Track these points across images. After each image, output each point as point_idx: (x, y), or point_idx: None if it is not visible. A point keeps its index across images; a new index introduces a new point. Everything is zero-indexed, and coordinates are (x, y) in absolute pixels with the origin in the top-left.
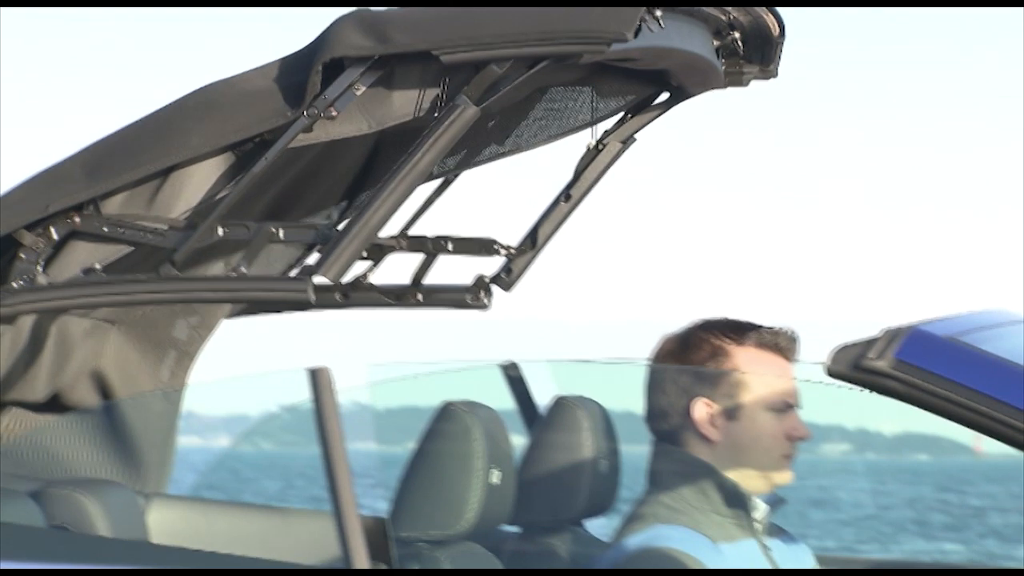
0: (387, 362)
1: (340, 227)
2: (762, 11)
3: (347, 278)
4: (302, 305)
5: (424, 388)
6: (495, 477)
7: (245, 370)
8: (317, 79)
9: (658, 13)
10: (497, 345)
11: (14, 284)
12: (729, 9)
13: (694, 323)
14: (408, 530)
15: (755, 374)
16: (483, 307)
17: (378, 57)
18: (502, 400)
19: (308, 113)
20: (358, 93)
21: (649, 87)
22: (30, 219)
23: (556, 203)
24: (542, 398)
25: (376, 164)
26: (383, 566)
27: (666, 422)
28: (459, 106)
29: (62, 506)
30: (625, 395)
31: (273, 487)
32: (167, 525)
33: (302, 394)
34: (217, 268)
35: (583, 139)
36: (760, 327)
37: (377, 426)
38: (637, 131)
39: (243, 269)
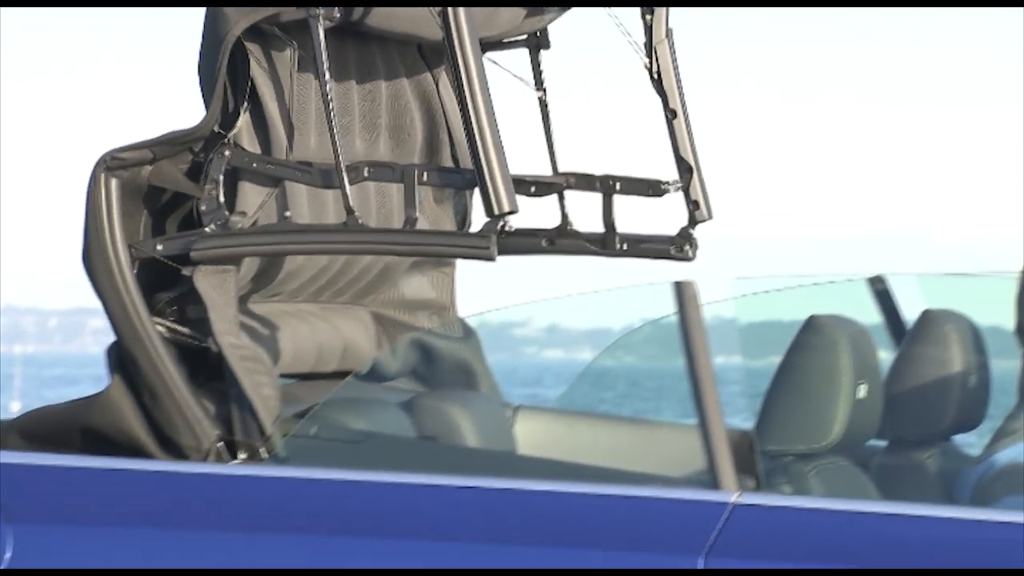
0: (752, 276)
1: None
2: None
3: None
4: (487, 259)
5: (789, 302)
6: (862, 391)
7: (609, 285)
8: None
9: None
10: (861, 260)
11: (207, 229)
12: None
13: None
14: (774, 444)
15: None
16: (687, 259)
17: None
18: (868, 314)
19: None
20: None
21: None
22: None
23: (669, 125)
24: (909, 312)
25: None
26: (749, 479)
27: None
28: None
29: (431, 417)
30: (994, 309)
31: (636, 401)
32: (533, 436)
33: (666, 308)
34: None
35: (633, 67)
36: None
37: (742, 340)
38: (666, 25)
39: (416, 216)
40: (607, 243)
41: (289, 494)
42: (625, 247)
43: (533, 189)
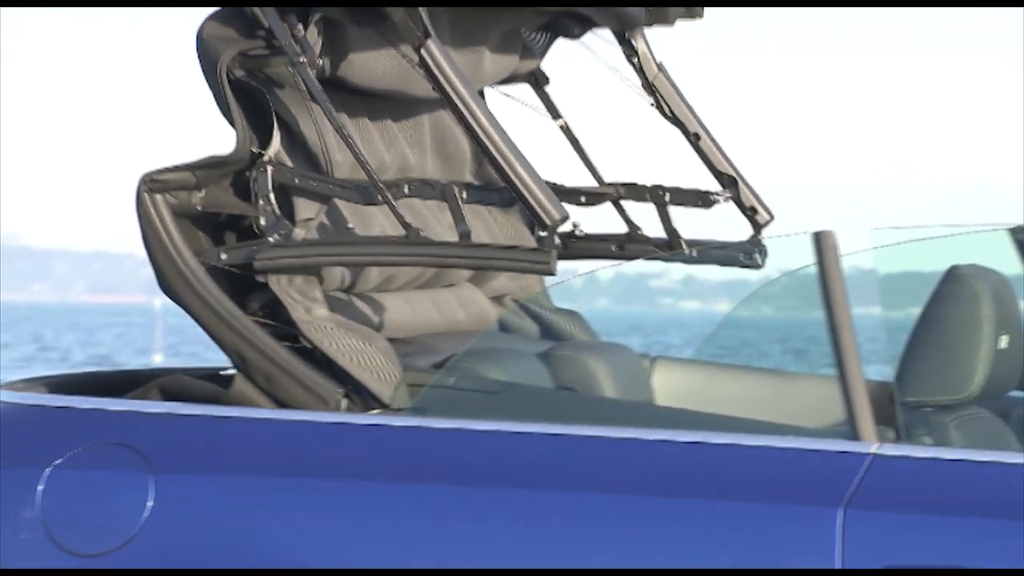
0: (890, 227)
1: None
2: None
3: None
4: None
5: (929, 252)
6: (1003, 342)
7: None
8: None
9: None
10: (1002, 212)
11: (270, 239)
12: None
13: None
14: (914, 395)
15: None
16: (758, 266)
17: None
18: (1010, 265)
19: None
20: None
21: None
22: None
23: (697, 148)
24: None
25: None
26: (888, 430)
27: None
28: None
29: (569, 367)
30: None
31: (773, 351)
32: (671, 387)
33: (804, 259)
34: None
35: (638, 106)
36: None
37: (881, 290)
38: (654, 61)
39: (467, 230)
40: (674, 248)
41: (427, 444)
42: (694, 253)
43: (583, 199)
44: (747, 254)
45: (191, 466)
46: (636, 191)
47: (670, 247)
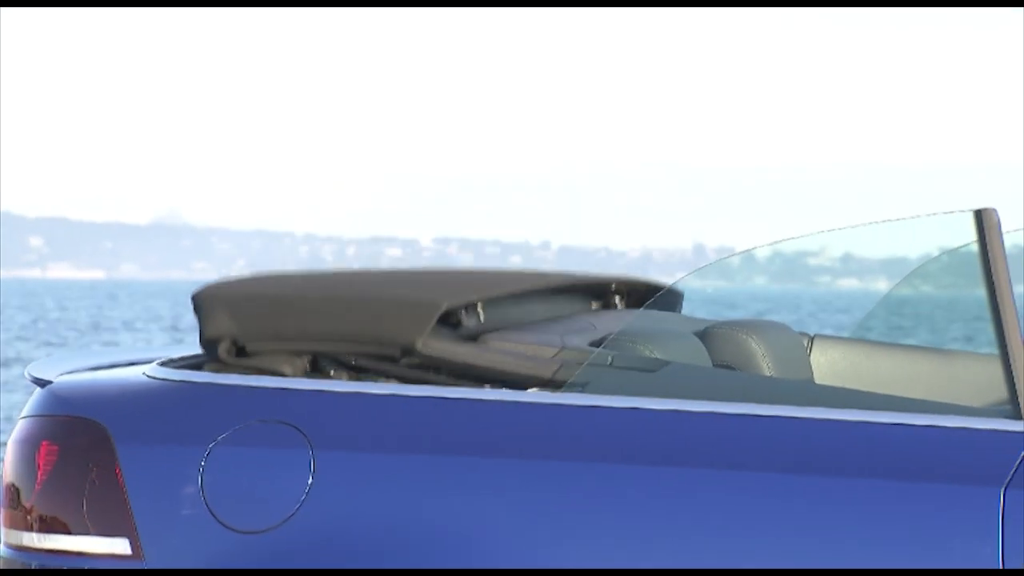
0: None
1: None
2: None
3: None
4: None
5: None
6: None
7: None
8: None
9: None
10: None
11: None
12: None
13: None
14: None
15: None
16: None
17: None
18: None
19: None
20: None
21: None
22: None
23: None
24: None
25: None
26: None
27: None
28: None
29: (727, 345)
30: None
31: (931, 331)
32: (830, 365)
33: (964, 237)
34: None
35: None
36: None
37: None
38: None
39: None
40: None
41: (586, 421)
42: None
43: None
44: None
45: (350, 444)
46: None
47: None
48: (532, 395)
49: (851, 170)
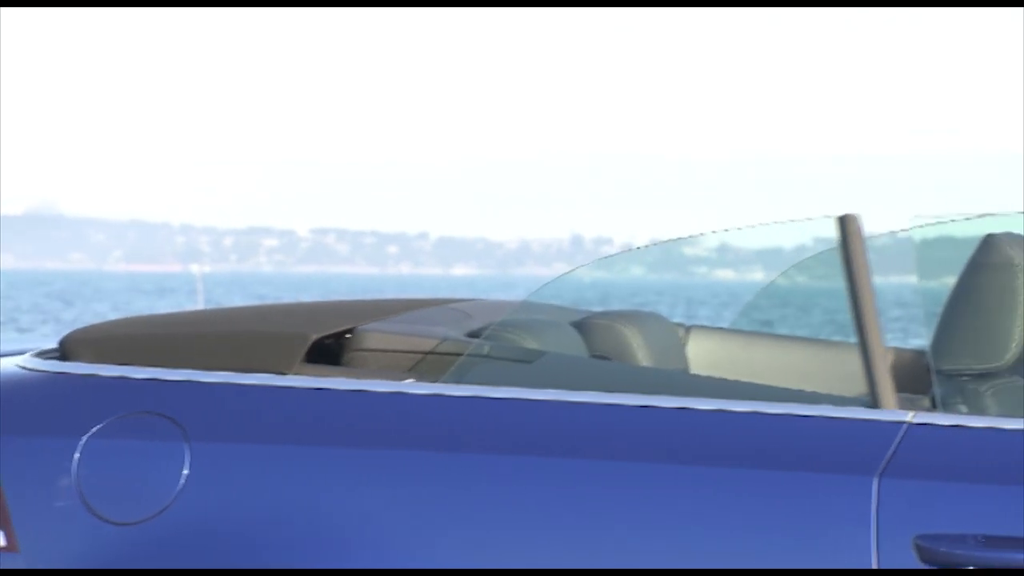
0: (930, 215)
1: None
2: None
3: None
4: None
5: (964, 226)
6: None
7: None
8: None
9: None
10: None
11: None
12: None
13: None
14: (950, 363)
15: None
16: None
17: None
18: None
19: None
20: None
21: None
22: None
23: None
24: None
25: None
26: (923, 398)
27: None
28: None
29: (604, 336)
30: None
31: (807, 320)
32: (706, 356)
33: (831, 240)
34: None
35: None
36: None
37: (917, 259)
38: None
39: None
40: None
41: (462, 412)
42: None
43: None
44: None
45: (226, 435)
46: None
47: None
48: (410, 385)
49: (736, 160)
